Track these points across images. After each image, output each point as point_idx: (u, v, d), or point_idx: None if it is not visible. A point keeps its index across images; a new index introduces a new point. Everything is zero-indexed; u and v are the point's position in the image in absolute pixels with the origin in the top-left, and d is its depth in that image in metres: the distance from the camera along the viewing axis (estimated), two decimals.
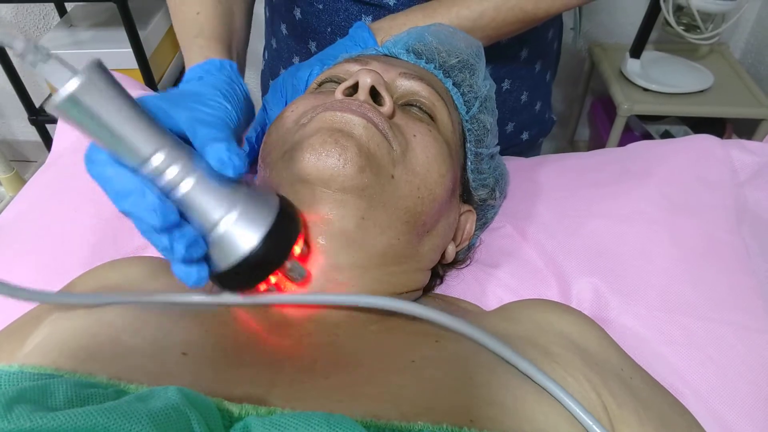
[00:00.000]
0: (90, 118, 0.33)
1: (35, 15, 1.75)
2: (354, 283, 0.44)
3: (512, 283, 0.57)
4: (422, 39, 0.56)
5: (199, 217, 0.37)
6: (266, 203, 0.39)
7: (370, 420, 0.31)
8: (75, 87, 0.32)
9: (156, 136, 0.35)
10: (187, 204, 0.36)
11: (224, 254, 0.38)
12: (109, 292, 0.45)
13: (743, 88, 1.47)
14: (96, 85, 0.33)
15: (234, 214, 0.37)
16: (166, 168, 0.35)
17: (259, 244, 0.37)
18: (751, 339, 0.50)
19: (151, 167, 0.35)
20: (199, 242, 0.36)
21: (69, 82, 0.32)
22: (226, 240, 0.37)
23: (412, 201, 0.46)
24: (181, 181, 0.35)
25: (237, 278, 0.39)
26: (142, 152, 0.34)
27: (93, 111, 0.33)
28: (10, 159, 1.70)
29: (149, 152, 0.34)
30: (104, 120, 0.33)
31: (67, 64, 0.33)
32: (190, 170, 0.36)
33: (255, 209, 0.38)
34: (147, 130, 0.35)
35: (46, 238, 0.62)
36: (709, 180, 0.63)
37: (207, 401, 0.31)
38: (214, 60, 0.49)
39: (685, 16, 1.46)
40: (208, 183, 0.36)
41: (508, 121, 0.80)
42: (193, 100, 0.40)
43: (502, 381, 0.36)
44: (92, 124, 0.33)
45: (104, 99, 0.33)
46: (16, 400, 0.28)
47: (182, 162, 0.35)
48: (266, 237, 0.37)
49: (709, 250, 0.56)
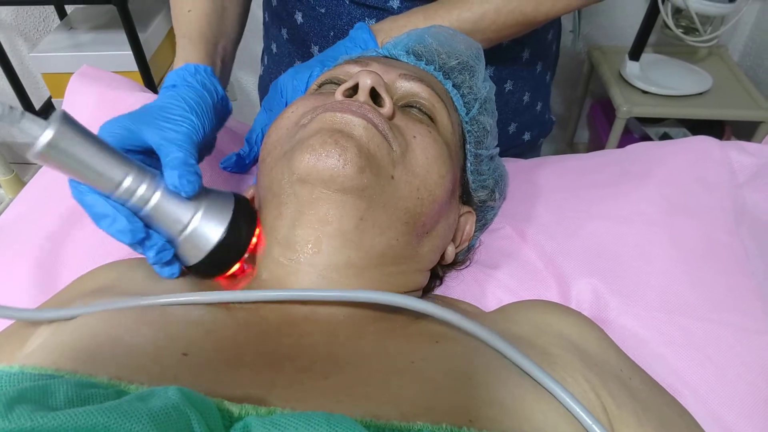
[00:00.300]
0: (66, 159, 0.40)
1: (35, 17, 1.75)
2: (352, 283, 0.45)
3: (512, 284, 0.57)
4: (422, 41, 0.56)
5: (167, 225, 0.45)
6: (223, 201, 0.47)
7: (370, 420, 0.31)
8: (50, 136, 0.38)
9: (121, 165, 0.43)
10: (155, 216, 0.45)
11: (195, 250, 0.46)
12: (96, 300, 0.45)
13: (742, 90, 1.48)
14: (66, 132, 0.39)
15: (198, 216, 0.45)
16: (133, 190, 0.43)
17: (223, 235, 0.45)
18: (749, 340, 0.50)
19: (120, 191, 0.43)
20: (167, 247, 0.46)
21: (44, 133, 0.38)
22: (194, 238, 0.45)
23: (412, 202, 0.46)
24: (148, 199, 0.44)
25: (210, 266, 0.47)
26: (111, 181, 0.42)
27: (67, 153, 0.40)
28: (10, 161, 1.70)
29: (118, 180, 0.42)
30: (77, 159, 0.40)
31: (37, 119, 0.38)
32: (154, 188, 0.44)
33: (214, 208, 0.46)
34: (113, 162, 0.42)
35: (46, 239, 0.62)
36: (708, 181, 0.63)
37: (207, 401, 0.31)
38: (189, 66, 0.53)
39: (683, 19, 1.46)
40: (170, 198, 0.44)
41: (511, 121, 0.80)
42: (161, 117, 0.47)
43: (501, 381, 0.36)
44: (68, 164, 0.40)
45: (75, 142, 0.40)
46: (17, 400, 0.28)
47: (146, 183, 0.44)
48: (228, 228, 0.46)
49: (708, 252, 0.56)
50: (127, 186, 0.43)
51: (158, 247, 0.45)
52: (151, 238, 0.45)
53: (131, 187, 0.43)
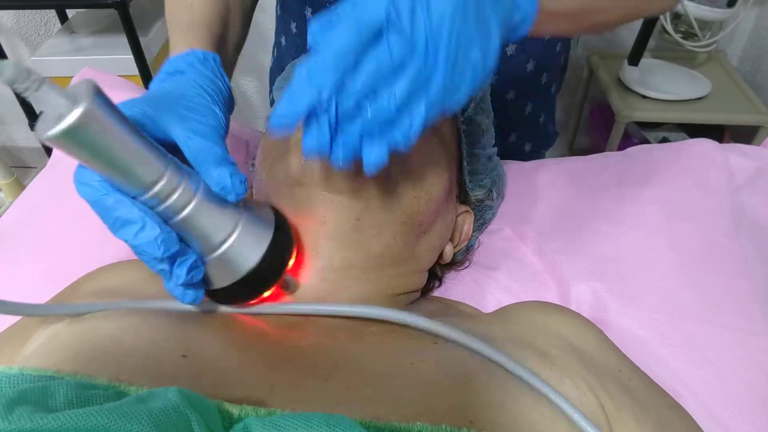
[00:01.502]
0: (90, 149, 0.31)
1: (36, 21, 1.76)
2: (350, 284, 0.45)
3: (511, 285, 0.57)
4: None
5: (200, 239, 0.37)
6: (263, 221, 0.39)
7: (370, 420, 0.31)
8: (77, 116, 0.29)
9: (158, 162, 0.34)
10: (187, 227, 0.36)
11: (223, 273, 0.38)
12: (95, 301, 0.45)
13: (741, 95, 1.48)
14: (96, 115, 0.30)
15: (234, 235, 0.37)
16: (167, 194, 0.34)
17: (258, 263, 0.38)
18: (748, 342, 0.50)
19: (151, 194, 0.34)
20: (198, 265, 0.37)
21: (72, 111, 0.29)
22: (226, 260, 0.37)
23: (408, 201, 0.46)
24: (184, 206, 0.35)
25: (234, 294, 0.40)
26: (144, 180, 0.33)
27: (94, 141, 0.31)
28: (11, 165, 1.70)
29: (151, 180, 0.34)
30: (105, 150, 0.31)
31: (62, 91, 0.30)
32: (192, 193, 0.35)
33: (254, 228, 0.38)
34: (149, 157, 0.33)
35: (46, 241, 0.62)
36: (708, 184, 0.63)
37: (207, 402, 0.31)
38: (197, 51, 0.46)
39: (682, 24, 1.47)
40: (209, 206, 0.36)
41: (512, 131, 0.80)
42: (182, 105, 0.39)
43: (501, 382, 0.36)
44: (92, 154, 0.32)
45: (105, 128, 0.31)
46: (17, 401, 0.28)
47: (183, 185, 0.35)
48: (264, 256, 0.38)
49: (708, 254, 0.56)
50: (161, 188, 0.34)
51: (190, 264, 0.36)
52: (185, 253, 0.36)
53: (165, 190, 0.34)
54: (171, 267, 0.36)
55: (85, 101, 0.29)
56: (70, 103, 0.29)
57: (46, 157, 1.74)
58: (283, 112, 0.32)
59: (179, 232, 0.36)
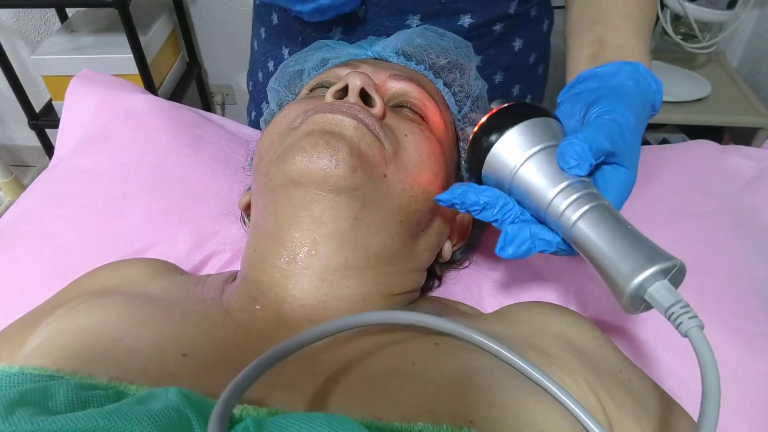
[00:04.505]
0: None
1: (36, 20, 1.76)
2: (350, 284, 0.45)
3: (511, 286, 0.57)
4: (411, 41, 0.56)
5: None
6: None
7: (371, 420, 0.31)
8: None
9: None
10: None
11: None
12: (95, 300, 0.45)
13: (740, 97, 1.48)
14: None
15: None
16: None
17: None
18: (749, 343, 0.50)
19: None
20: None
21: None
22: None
23: (406, 200, 0.46)
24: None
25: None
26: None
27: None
28: (9, 164, 1.70)
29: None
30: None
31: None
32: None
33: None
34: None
35: (47, 240, 0.62)
36: (708, 185, 0.63)
37: (207, 402, 0.31)
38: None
39: (682, 26, 1.47)
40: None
41: None
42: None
43: (503, 383, 0.36)
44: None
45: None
46: (18, 403, 0.28)
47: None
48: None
49: (708, 255, 0.57)
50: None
51: None
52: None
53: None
54: None
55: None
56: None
57: (45, 155, 1.74)
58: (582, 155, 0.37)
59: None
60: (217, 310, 0.44)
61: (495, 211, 0.40)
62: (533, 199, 0.39)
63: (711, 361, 0.31)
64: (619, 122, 0.40)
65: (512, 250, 0.40)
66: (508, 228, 0.40)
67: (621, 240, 0.35)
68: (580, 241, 0.37)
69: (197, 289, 0.48)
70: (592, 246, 0.36)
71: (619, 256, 0.34)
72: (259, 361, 0.32)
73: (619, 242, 0.35)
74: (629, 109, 0.41)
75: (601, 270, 0.36)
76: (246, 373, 0.31)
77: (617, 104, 0.41)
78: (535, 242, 0.40)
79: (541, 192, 0.38)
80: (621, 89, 0.45)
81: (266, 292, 0.44)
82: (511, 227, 0.40)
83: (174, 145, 0.70)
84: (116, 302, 0.43)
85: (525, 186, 0.39)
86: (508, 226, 0.40)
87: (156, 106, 0.75)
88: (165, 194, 0.65)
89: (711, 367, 0.30)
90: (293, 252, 0.44)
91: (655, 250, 0.34)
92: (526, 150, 0.39)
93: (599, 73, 0.47)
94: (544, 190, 0.38)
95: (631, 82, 0.45)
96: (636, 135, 0.42)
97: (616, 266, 0.34)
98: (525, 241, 0.40)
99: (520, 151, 0.39)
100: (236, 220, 0.64)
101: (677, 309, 0.32)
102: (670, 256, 0.34)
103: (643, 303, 0.34)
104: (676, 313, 0.32)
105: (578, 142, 0.37)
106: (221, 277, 0.51)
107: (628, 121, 0.40)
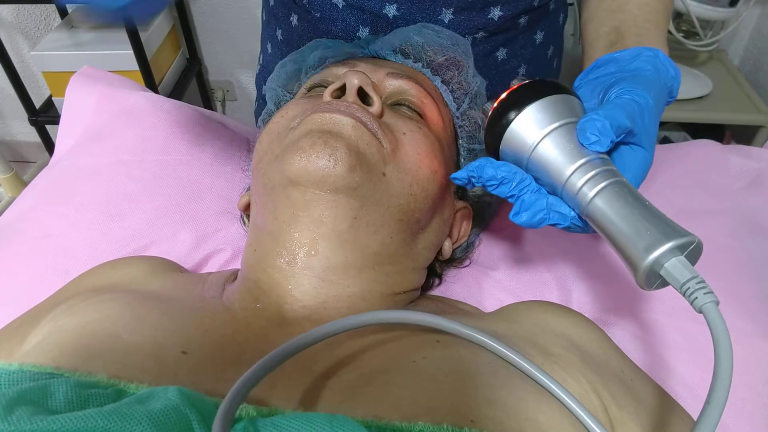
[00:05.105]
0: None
1: (36, 16, 1.75)
2: (350, 283, 0.44)
3: (512, 285, 0.57)
4: (408, 39, 0.56)
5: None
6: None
7: (371, 420, 0.31)
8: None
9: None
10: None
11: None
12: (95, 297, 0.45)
13: (742, 94, 1.48)
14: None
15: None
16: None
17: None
18: (750, 344, 0.50)
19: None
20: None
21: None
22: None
23: (405, 198, 0.46)
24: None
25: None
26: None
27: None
28: (9, 160, 1.70)
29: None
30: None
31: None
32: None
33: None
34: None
35: (47, 239, 0.62)
36: (710, 185, 0.63)
37: (207, 402, 0.31)
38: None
39: (684, 23, 1.46)
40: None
41: None
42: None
43: (503, 381, 0.36)
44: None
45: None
46: (17, 402, 0.28)
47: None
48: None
49: (709, 255, 0.56)
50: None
51: None
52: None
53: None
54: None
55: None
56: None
57: (45, 152, 1.74)
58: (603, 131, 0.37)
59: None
60: (218, 308, 0.44)
61: (512, 185, 0.40)
62: (551, 175, 0.39)
63: (725, 336, 0.30)
64: (638, 102, 0.40)
65: (527, 217, 0.39)
66: (525, 196, 0.40)
67: (638, 216, 0.34)
68: (596, 217, 0.36)
69: (197, 287, 0.48)
70: (608, 221, 0.35)
71: (635, 231, 0.34)
72: (264, 362, 0.32)
73: (636, 218, 0.34)
74: (648, 92, 0.41)
75: (617, 245, 0.35)
76: (251, 373, 0.31)
77: (636, 86, 0.41)
78: (550, 213, 0.39)
79: (559, 168, 0.38)
80: (640, 72, 0.44)
81: (267, 292, 0.44)
82: (528, 195, 0.40)
83: (174, 144, 0.70)
84: (116, 300, 0.43)
85: (543, 162, 0.39)
86: (526, 195, 0.40)
87: (156, 104, 0.74)
88: (165, 192, 0.65)
89: (725, 342, 0.30)
90: (293, 252, 0.44)
91: (672, 227, 0.34)
92: (545, 126, 0.39)
93: (618, 57, 0.47)
94: (562, 166, 0.38)
95: (650, 66, 0.45)
96: (654, 117, 0.41)
97: (633, 241, 0.34)
98: (540, 211, 0.39)
99: (540, 127, 0.39)
100: (237, 218, 0.64)
101: (693, 284, 0.32)
102: (687, 233, 0.33)
103: (659, 279, 0.33)
104: (691, 288, 0.31)
105: (599, 118, 0.37)
106: (222, 275, 0.51)
107: (647, 102, 0.40)
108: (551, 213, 0.39)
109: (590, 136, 0.37)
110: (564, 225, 0.40)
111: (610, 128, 0.37)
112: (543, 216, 0.39)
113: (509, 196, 0.41)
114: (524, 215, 0.39)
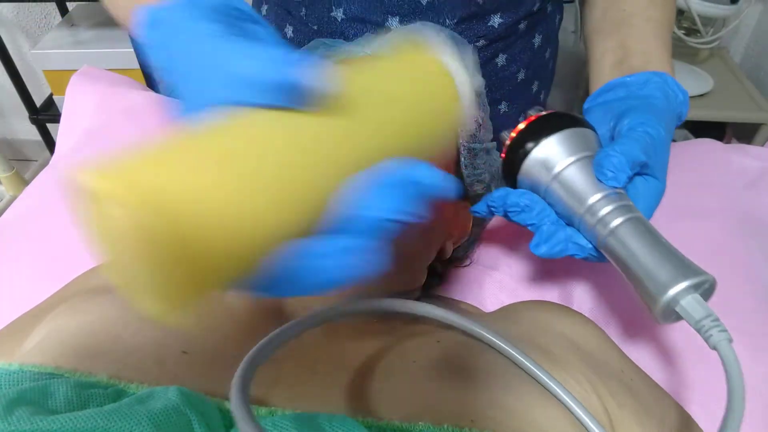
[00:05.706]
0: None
1: (36, 14, 1.75)
2: None
3: (512, 285, 0.57)
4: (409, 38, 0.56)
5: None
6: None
7: (371, 420, 0.31)
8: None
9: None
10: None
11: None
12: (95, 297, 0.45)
13: (743, 92, 1.47)
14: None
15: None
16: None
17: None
18: (752, 344, 0.50)
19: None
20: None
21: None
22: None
23: None
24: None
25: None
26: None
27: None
28: (10, 158, 1.70)
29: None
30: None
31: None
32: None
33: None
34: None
35: (48, 239, 0.62)
36: (711, 184, 0.63)
37: (207, 402, 0.31)
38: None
39: (685, 20, 1.46)
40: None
41: None
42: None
43: (504, 382, 0.36)
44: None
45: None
46: (17, 402, 0.28)
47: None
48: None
49: (711, 255, 0.56)
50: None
51: None
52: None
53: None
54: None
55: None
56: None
57: (46, 150, 1.74)
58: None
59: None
60: (218, 307, 0.44)
61: (533, 214, 0.41)
62: (567, 207, 0.40)
63: (738, 374, 0.32)
64: (651, 135, 0.41)
65: (546, 249, 0.41)
66: (545, 227, 0.41)
67: (656, 253, 0.36)
68: (614, 251, 0.38)
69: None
70: (626, 257, 0.37)
71: (653, 268, 0.36)
72: (284, 329, 0.33)
73: (654, 255, 0.36)
74: (660, 122, 0.42)
75: (633, 280, 0.37)
76: (268, 339, 0.32)
77: (649, 116, 0.42)
78: (569, 245, 0.41)
79: (576, 201, 0.39)
80: (650, 101, 0.45)
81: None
82: (547, 227, 0.41)
83: None
84: (116, 299, 0.43)
85: (560, 193, 0.40)
86: (545, 226, 0.41)
87: (156, 103, 0.74)
88: None
89: (737, 379, 0.32)
90: None
91: (688, 266, 0.36)
92: (564, 159, 0.40)
93: (628, 82, 0.48)
94: (579, 199, 0.39)
95: (660, 93, 0.46)
96: (666, 147, 0.43)
97: (651, 278, 0.35)
98: (560, 242, 0.41)
99: (558, 159, 0.40)
100: None
101: (708, 322, 0.34)
102: (702, 271, 0.35)
103: (674, 314, 0.35)
104: (706, 326, 0.33)
105: (615, 154, 0.38)
106: None
107: (659, 134, 0.41)
108: (569, 245, 0.41)
109: (607, 172, 0.38)
110: (582, 256, 0.41)
111: (626, 163, 0.38)
112: (562, 247, 0.41)
113: (529, 224, 0.42)
114: (544, 247, 0.41)
